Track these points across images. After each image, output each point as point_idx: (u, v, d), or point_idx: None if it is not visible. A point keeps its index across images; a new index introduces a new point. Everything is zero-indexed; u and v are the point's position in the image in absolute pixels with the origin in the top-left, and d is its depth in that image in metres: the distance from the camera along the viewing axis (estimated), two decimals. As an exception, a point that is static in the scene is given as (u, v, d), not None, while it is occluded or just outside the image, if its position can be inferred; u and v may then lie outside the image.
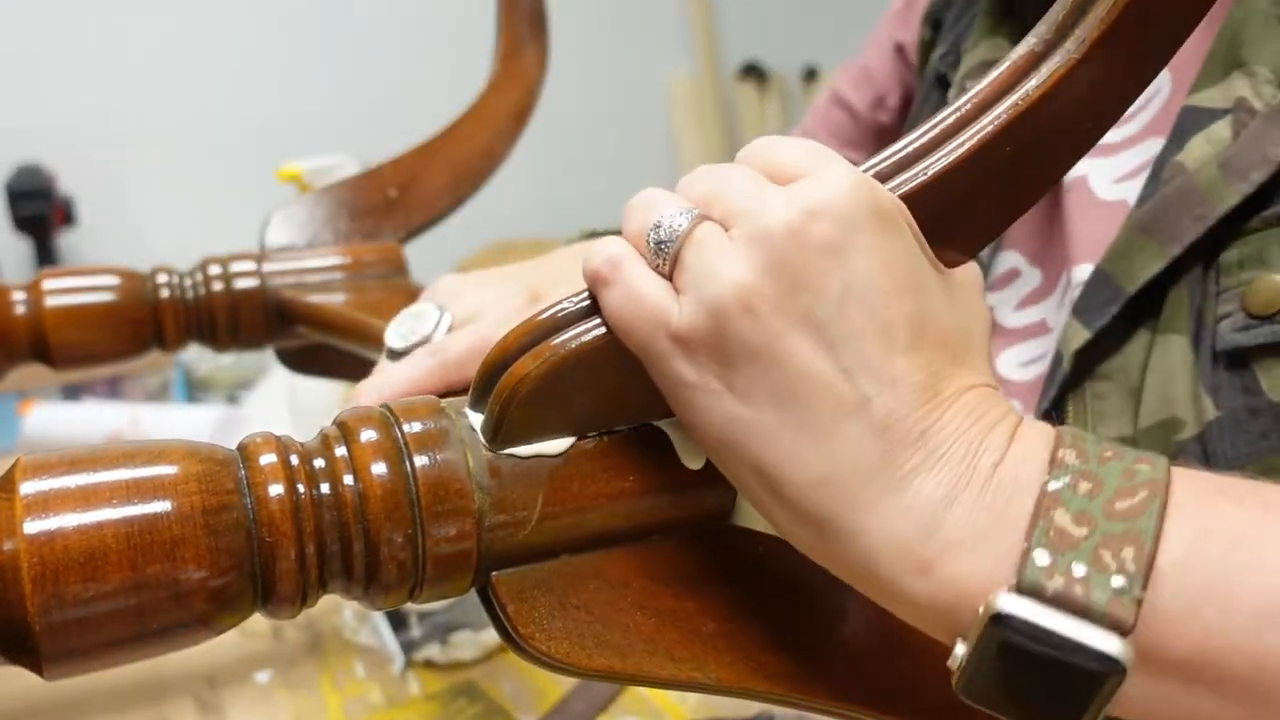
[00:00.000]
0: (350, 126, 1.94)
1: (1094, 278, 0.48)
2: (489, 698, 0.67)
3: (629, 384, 0.32)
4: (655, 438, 0.34)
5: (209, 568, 0.29)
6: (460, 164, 0.67)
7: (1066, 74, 0.33)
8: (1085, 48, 0.33)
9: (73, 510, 0.28)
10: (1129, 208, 0.49)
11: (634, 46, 2.30)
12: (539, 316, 0.32)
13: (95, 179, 1.80)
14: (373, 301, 0.57)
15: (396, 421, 0.32)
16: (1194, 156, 0.46)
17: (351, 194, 0.64)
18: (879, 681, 0.35)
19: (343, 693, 0.68)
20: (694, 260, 0.30)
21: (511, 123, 0.69)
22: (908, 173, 0.33)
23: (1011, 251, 0.57)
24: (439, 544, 0.31)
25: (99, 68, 1.80)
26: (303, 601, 0.31)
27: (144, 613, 0.28)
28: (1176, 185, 0.46)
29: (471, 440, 0.32)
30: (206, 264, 0.58)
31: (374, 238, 0.62)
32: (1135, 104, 0.37)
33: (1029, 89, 0.33)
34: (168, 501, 0.29)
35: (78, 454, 0.30)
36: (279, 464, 0.31)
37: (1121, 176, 0.51)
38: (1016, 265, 0.56)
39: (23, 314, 0.54)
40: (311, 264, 0.59)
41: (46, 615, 0.27)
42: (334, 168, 0.90)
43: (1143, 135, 0.51)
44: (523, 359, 0.32)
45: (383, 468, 0.31)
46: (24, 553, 0.27)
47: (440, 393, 0.37)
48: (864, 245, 0.29)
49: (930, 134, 0.33)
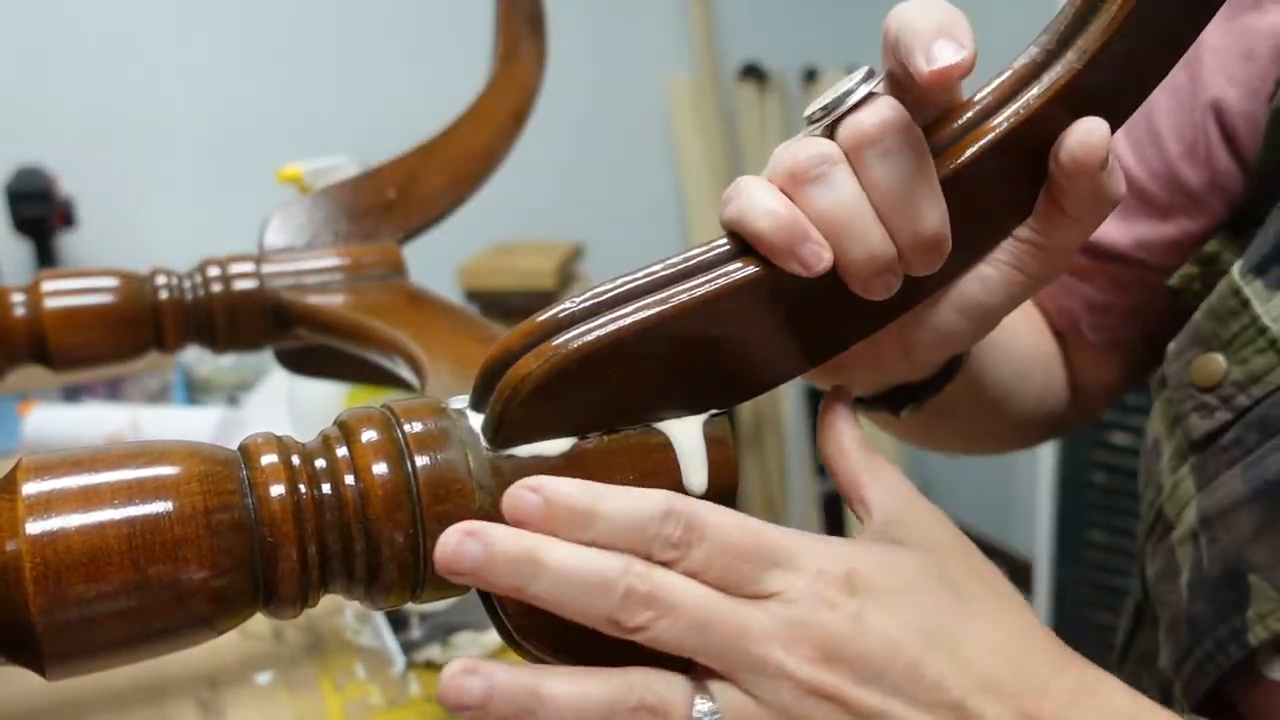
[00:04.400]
0: (350, 127, 1.94)
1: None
2: (490, 698, 0.67)
3: (630, 384, 0.33)
4: (656, 438, 0.34)
5: (211, 568, 0.29)
6: (459, 164, 0.67)
7: (1068, 84, 0.33)
8: (1087, 58, 0.33)
9: (75, 511, 0.28)
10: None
11: (634, 46, 2.30)
12: (540, 317, 0.32)
13: (95, 181, 1.80)
14: (372, 302, 0.57)
15: (397, 421, 0.32)
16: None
17: (350, 195, 0.64)
18: None
19: (343, 694, 0.68)
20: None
21: (510, 123, 0.69)
22: None
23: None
24: (440, 544, 0.31)
25: (99, 70, 1.80)
26: (304, 602, 0.31)
27: (146, 613, 0.28)
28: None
29: (472, 440, 0.32)
30: (205, 265, 0.58)
31: (373, 239, 0.62)
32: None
33: (1030, 98, 0.33)
34: (169, 502, 0.29)
35: (79, 455, 0.30)
36: (280, 464, 0.31)
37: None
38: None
39: (22, 315, 0.54)
40: (310, 265, 0.59)
41: (48, 615, 0.27)
42: (333, 169, 0.90)
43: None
44: (524, 359, 0.32)
45: (384, 468, 0.31)
46: (26, 553, 0.27)
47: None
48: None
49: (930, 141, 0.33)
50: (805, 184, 0.32)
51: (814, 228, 0.32)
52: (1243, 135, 0.49)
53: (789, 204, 0.32)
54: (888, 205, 0.32)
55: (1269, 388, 0.44)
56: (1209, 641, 0.44)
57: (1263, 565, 0.43)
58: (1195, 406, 0.47)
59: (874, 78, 0.32)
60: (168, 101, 1.86)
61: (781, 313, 0.34)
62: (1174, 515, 0.48)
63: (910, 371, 0.43)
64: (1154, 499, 0.51)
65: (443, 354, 0.46)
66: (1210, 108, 0.50)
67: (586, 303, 0.32)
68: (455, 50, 1.61)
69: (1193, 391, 0.47)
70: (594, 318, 0.32)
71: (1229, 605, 0.44)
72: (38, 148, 1.71)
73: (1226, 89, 0.49)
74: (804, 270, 0.32)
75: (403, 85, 2.02)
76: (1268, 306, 0.44)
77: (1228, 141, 0.50)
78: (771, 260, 0.32)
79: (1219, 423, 0.46)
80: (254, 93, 1.92)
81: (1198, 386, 0.47)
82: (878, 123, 0.32)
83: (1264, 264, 0.45)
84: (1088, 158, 0.33)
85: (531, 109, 0.70)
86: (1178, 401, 0.49)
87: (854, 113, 0.32)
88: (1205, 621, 0.45)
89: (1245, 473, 0.44)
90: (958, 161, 0.33)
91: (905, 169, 0.32)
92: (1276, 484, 0.42)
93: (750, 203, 0.32)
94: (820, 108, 0.33)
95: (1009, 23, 1.39)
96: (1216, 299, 0.47)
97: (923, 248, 0.33)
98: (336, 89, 1.98)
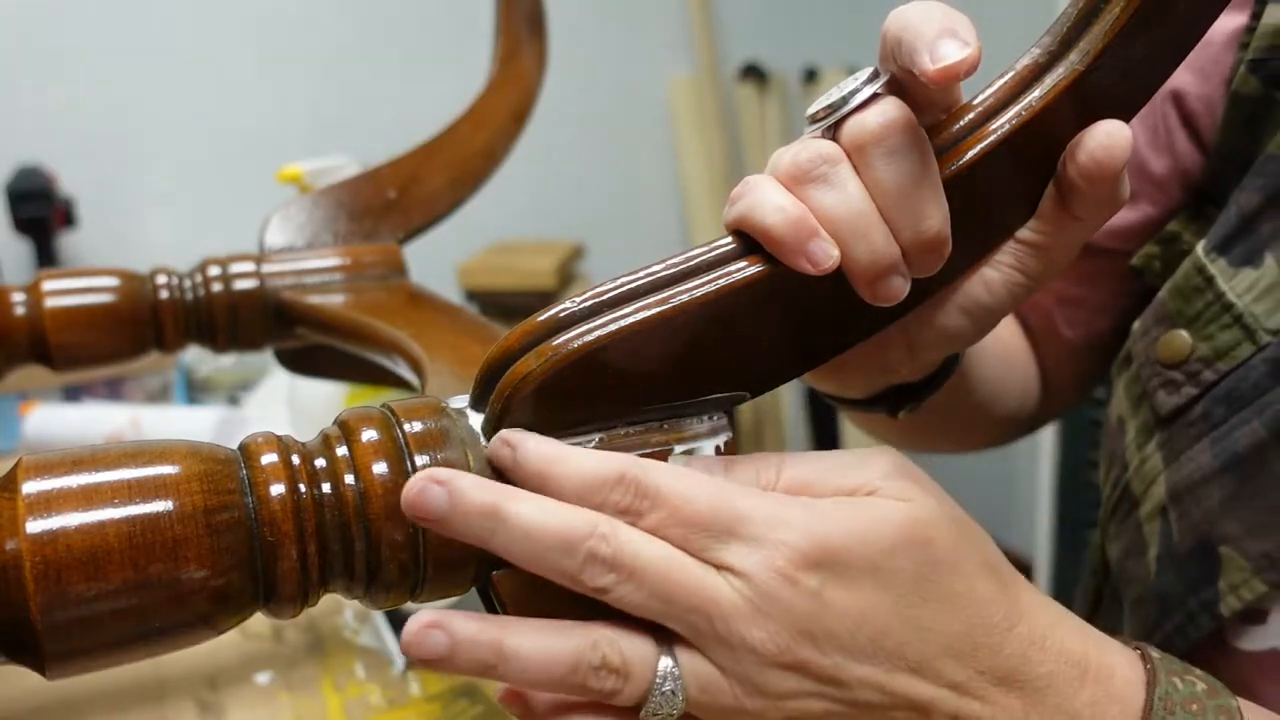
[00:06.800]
0: (350, 127, 1.94)
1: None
2: (490, 699, 0.67)
3: (629, 384, 0.33)
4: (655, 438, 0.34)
5: (210, 567, 0.29)
6: (459, 164, 0.67)
7: (1070, 85, 0.33)
8: (1089, 59, 0.33)
9: (75, 510, 0.28)
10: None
11: (634, 46, 2.30)
12: (540, 317, 0.32)
13: (95, 180, 1.80)
14: (372, 302, 0.57)
15: (397, 421, 0.32)
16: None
17: (351, 195, 0.64)
18: None
19: (343, 694, 0.68)
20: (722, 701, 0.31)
21: (511, 123, 0.69)
22: None
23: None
24: (439, 543, 0.31)
25: (100, 70, 1.80)
26: (304, 601, 0.31)
27: (146, 612, 0.28)
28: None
29: (472, 440, 0.32)
30: (206, 265, 0.58)
31: (373, 238, 0.62)
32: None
33: (1032, 100, 0.33)
34: (169, 501, 0.29)
35: (80, 454, 0.30)
36: (280, 464, 0.31)
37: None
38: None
39: (22, 315, 0.54)
40: (311, 265, 0.59)
41: (49, 614, 0.27)
42: (334, 169, 0.90)
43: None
44: (524, 358, 0.32)
45: (384, 467, 0.31)
46: (26, 552, 0.27)
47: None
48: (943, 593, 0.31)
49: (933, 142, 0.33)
50: (808, 184, 0.32)
51: (822, 226, 0.32)
52: (1200, 119, 0.51)
53: (798, 202, 0.32)
54: (890, 205, 0.32)
55: (1234, 362, 0.45)
56: (1179, 615, 0.45)
57: (1234, 536, 0.43)
58: (1162, 383, 0.48)
59: (879, 78, 0.32)
60: (168, 101, 1.86)
61: (783, 313, 0.34)
62: (1141, 492, 0.49)
63: (912, 371, 0.43)
64: (1119, 477, 0.52)
65: (443, 354, 0.46)
66: (1169, 96, 0.52)
67: (586, 303, 0.32)
68: (455, 50, 1.61)
69: (1159, 368, 0.48)
70: (594, 318, 0.32)
71: (1200, 578, 0.44)
72: (38, 148, 1.71)
73: (1183, 76, 0.51)
74: (812, 268, 0.32)
75: (403, 85, 2.02)
76: (1232, 283, 0.45)
77: (1186, 126, 0.52)
78: (779, 258, 0.32)
79: (1186, 398, 0.46)
80: (254, 93, 1.92)
81: (1164, 363, 0.48)
82: (883, 122, 0.32)
83: (1226, 242, 0.46)
84: (1110, 160, 0.33)
85: (531, 109, 0.70)
86: (1144, 379, 0.49)
87: (858, 112, 0.32)
88: (1175, 595, 0.45)
89: (1214, 446, 0.44)
90: (960, 162, 0.33)
91: (909, 169, 0.32)
92: (1245, 456, 0.43)
93: (760, 199, 0.32)
94: (824, 106, 0.33)
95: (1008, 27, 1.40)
96: (1181, 277, 0.48)
97: (924, 248, 0.33)
98: (337, 89, 1.99)
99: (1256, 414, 0.43)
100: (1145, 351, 0.50)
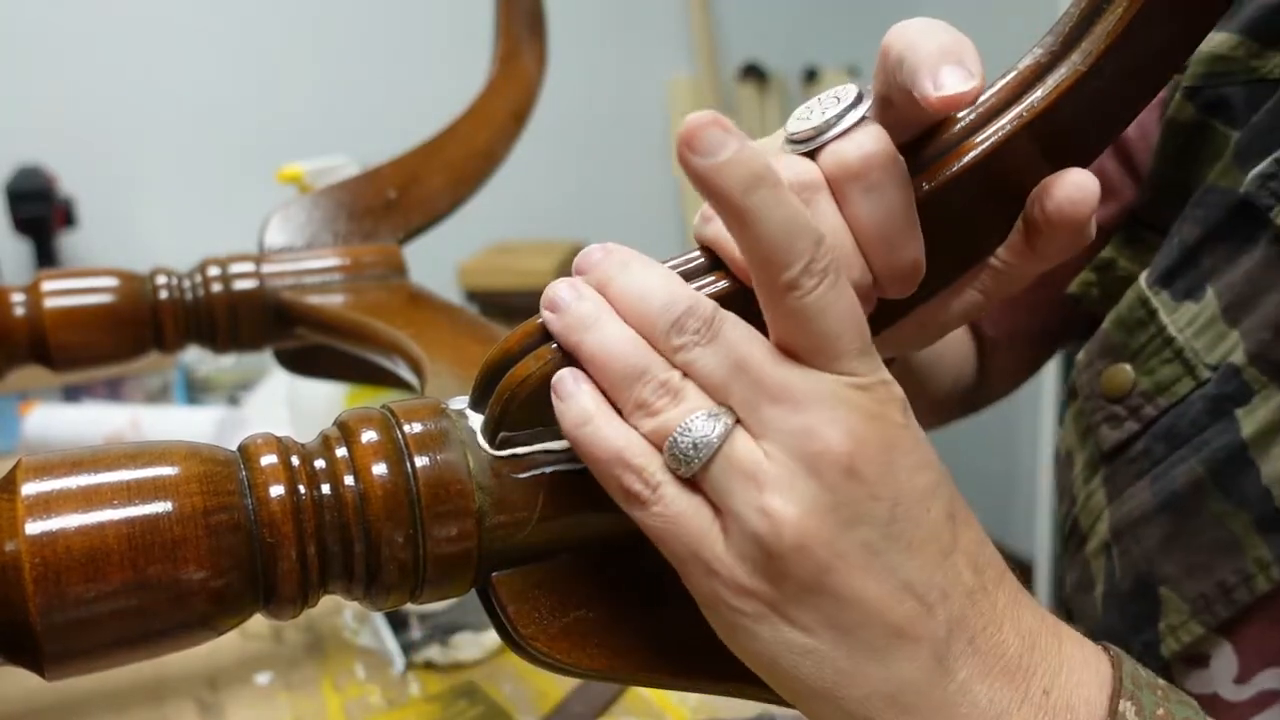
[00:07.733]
0: (350, 127, 1.94)
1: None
2: (489, 699, 0.67)
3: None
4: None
5: (210, 568, 0.29)
6: (459, 165, 0.67)
7: (1072, 86, 0.33)
8: (1091, 60, 0.33)
9: (74, 511, 0.28)
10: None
11: (634, 46, 2.30)
12: (540, 318, 0.32)
13: (95, 180, 1.80)
14: (371, 303, 0.57)
15: (397, 422, 0.32)
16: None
17: (351, 195, 0.64)
18: None
19: (343, 694, 0.68)
20: (735, 489, 0.28)
21: (510, 123, 0.69)
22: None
23: (1271, 670, 0.44)
24: (440, 544, 0.31)
25: (100, 70, 1.80)
26: (303, 602, 0.31)
27: (145, 613, 0.28)
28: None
29: (472, 441, 0.32)
30: (206, 265, 0.58)
31: (373, 239, 0.62)
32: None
33: (1034, 100, 0.33)
34: (169, 502, 0.29)
35: (79, 455, 0.30)
36: (280, 465, 0.31)
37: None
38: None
39: (22, 315, 0.54)
40: (310, 265, 0.59)
41: (48, 616, 0.27)
42: (334, 169, 0.90)
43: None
44: (524, 360, 0.32)
45: (383, 468, 0.31)
46: (26, 553, 0.27)
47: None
48: (905, 463, 0.28)
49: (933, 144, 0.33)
50: None
51: None
52: (1134, 147, 0.52)
53: None
54: (867, 237, 0.32)
55: (1175, 398, 0.44)
56: None
57: (1172, 577, 0.43)
58: (1105, 417, 0.47)
59: (863, 102, 0.32)
60: (168, 101, 1.86)
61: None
62: (1088, 527, 0.48)
63: None
64: (1068, 511, 0.51)
65: (443, 354, 0.46)
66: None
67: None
68: (455, 50, 1.61)
69: (1103, 402, 0.48)
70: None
71: (1141, 618, 0.44)
72: (38, 148, 1.71)
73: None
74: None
75: (403, 85, 2.02)
76: (1173, 317, 0.45)
77: (1118, 153, 0.52)
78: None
79: (1128, 433, 0.46)
80: (254, 93, 1.93)
81: (1107, 397, 0.47)
82: (862, 156, 0.31)
83: (1169, 275, 0.46)
84: (1075, 210, 0.33)
85: (531, 109, 0.70)
86: (1089, 412, 0.49)
87: (840, 140, 0.31)
88: (1119, 634, 0.44)
89: (1153, 484, 0.44)
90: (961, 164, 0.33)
91: (887, 204, 0.31)
92: (1182, 495, 0.42)
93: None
94: (807, 129, 0.32)
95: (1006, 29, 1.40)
96: (1125, 309, 0.48)
97: (898, 276, 0.33)
98: (337, 89, 1.99)
99: (1194, 452, 0.43)
100: (1090, 384, 0.49)
